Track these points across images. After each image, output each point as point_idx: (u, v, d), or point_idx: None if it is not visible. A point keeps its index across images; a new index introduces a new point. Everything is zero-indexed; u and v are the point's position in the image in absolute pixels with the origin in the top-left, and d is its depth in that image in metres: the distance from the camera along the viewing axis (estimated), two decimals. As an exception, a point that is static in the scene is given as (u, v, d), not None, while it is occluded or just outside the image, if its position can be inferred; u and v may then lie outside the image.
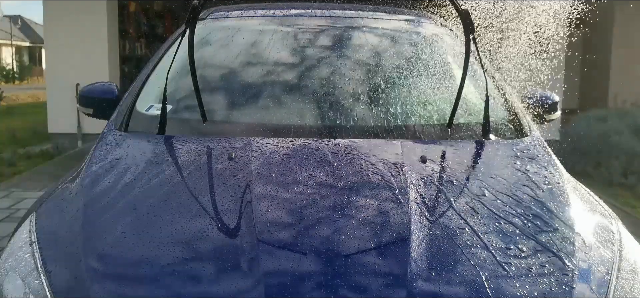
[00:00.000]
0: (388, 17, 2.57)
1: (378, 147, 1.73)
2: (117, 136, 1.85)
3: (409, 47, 2.35)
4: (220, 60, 2.21)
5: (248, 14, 2.51)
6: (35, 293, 1.19)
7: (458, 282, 1.16)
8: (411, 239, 1.25)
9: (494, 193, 1.50)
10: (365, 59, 2.21)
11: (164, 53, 2.33)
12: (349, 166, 1.59)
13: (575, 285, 1.19)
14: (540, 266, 1.23)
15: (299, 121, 1.85)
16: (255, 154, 1.63)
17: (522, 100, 2.34)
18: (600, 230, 1.47)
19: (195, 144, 1.75)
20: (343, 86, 2.03)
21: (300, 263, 1.19)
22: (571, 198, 1.55)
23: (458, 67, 2.19)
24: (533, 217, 1.40)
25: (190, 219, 1.34)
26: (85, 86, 2.41)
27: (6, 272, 1.30)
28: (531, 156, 1.80)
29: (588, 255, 1.31)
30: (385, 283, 1.15)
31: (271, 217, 1.34)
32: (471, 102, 2.06)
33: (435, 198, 1.47)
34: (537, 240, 1.31)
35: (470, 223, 1.34)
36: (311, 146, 1.69)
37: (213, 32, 2.38)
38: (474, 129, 1.90)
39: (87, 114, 2.35)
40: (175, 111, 1.95)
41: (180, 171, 1.61)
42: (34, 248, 1.33)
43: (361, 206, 1.40)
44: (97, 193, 1.51)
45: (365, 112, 1.92)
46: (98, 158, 1.73)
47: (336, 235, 1.27)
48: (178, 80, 2.08)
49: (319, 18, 2.50)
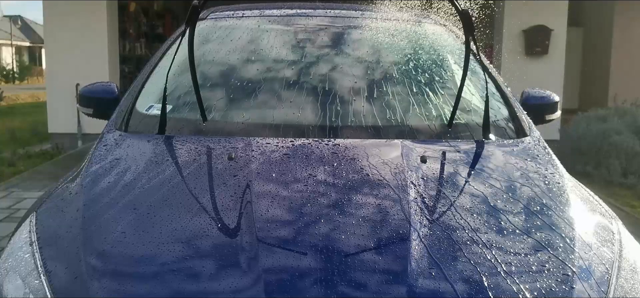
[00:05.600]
0: (388, 17, 2.57)
1: (378, 147, 1.73)
2: (117, 136, 1.85)
3: (409, 46, 2.35)
4: (220, 60, 2.21)
5: (248, 14, 2.51)
6: (35, 293, 1.19)
7: (458, 281, 1.16)
8: (411, 238, 1.25)
9: (494, 193, 1.50)
10: (365, 59, 2.21)
11: (164, 53, 2.33)
12: (349, 165, 1.59)
13: (576, 285, 1.19)
14: (540, 266, 1.23)
15: (299, 121, 1.85)
16: (255, 154, 1.63)
17: (522, 100, 2.34)
18: (600, 230, 1.47)
19: (195, 144, 1.75)
20: (343, 85, 2.03)
21: (299, 261, 1.19)
22: (571, 198, 1.55)
23: (458, 67, 2.19)
24: (533, 217, 1.41)
25: (190, 218, 1.34)
26: (85, 86, 2.41)
27: (6, 272, 1.30)
28: (531, 156, 1.80)
29: (588, 254, 1.31)
30: (385, 281, 1.15)
31: (271, 216, 1.34)
32: (471, 103, 2.06)
33: (435, 197, 1.47)
34: (537, 240, 1.31)
35: (470, 222, 1.34)
36: (311, 146, 1.69)
37: (213, 32, 2.38)
38: (474, 129, 1.90)
39: (87, 114, 2.35)
40: (175, 111, 1.95)
41: (180, 171, 1.61)
42: (34, 248, 1.33)
43: (361, 205, 1.40)
44: (97, 193, 1.51)
45: (366, 112, 1.92)
46: (98, 158, 1.73)
47: (336, 234, 1.27)
48: (178, 80, 2.08)
49: (319, 18, 2.50)
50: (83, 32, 7.16)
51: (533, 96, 2.37)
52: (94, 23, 7.21)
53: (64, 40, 7.15)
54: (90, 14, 7.16)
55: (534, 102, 2.32)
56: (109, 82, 2.48)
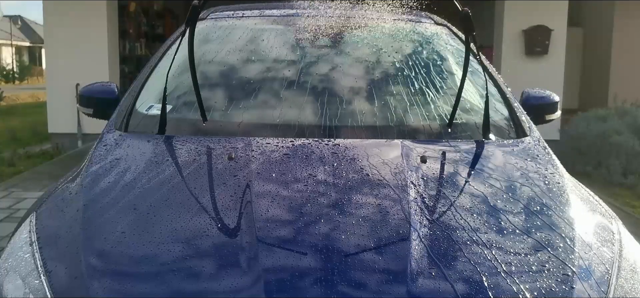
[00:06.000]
0: (388, 16, 2.57)
1: (378, 147, 1.73)
2: (117, 136, 1.85)
3: (409, 46, 2.35)
4: (220, 60, 2.21)
5: (248, 14, 2.51)
6: (35, 293, 1.19)
7: (458, 281, 1.16)
8: (411, 238, 1.25)
9: (494, 193, 1.50)
10: (365, 59, 2.21)
11: (164, 53, 2.33)
12: (349, 165, 1.59)
13: (576, 285, 1.19)
14: (540, 266, 1.23)
15: (299, 121, 1.85)
16: (255, 154, 1.63)
17: (522, 100, 2.34)
18: (600, 230, 1.47)
19: (195, 144, 1.75)
20: (343, 85, 2.03)
21: (299, 261, 1.19)
22: (571, 198, 1.55)
23: (458, 67, 2.19)
24: (533, 217, 1.40)
25: (190, 218, 1.34)
26: (85, 86, 2.41)
27: (6, 272, 1.30)
28: (531, 156, 1.80)
29: (588, 254, 1.31)
30: (385, 281, 1.15)
31: (271, 216, 1.35)
32: (471, 102, 2.06)
33: (435, 197, 1.47)
34: (537, 240, 1.31)
35: (470, 222, 1.34)
36: (311, 146, 1.69)
37: (213, 32, 2.38)
38: (474, 129, 1.90)
39: (87, 114, 2.35)
40: (175, 111, 1.95)
41: (180, 170, 1.61)
42: (34, 248, 1.33)
43: (361, 205, 1.40)
44: (97, 193, 1.51)
45: (366, 112, 1.92)
46: (98, 158, 1.73)
47: (336, 234, 1.27)
48: (178, 80, 2.08)
49: (319, 17, 2.50)
50: (83, 32, 7.16)
51: (533, 96, 2.37)
52: (94, 23, 7.21)
53: (64, 40, 7.15)
54: (90, 14, 7.16)
55: (534, 102, 2.32)
56: (109, 82, 2.48)
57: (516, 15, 7.35)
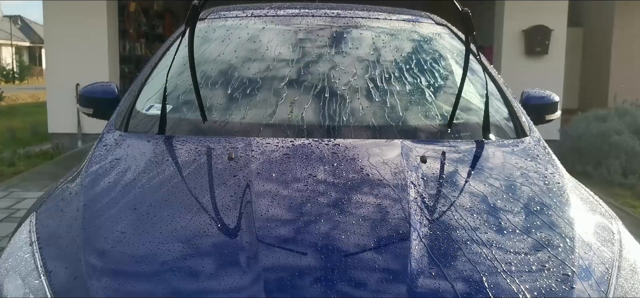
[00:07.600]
0: (388, 16, 2.57)
1: (378, 147, 1.73)
2: (117, 136, 1.85)
3: (409, 46, 2.35)
4: (220, 60, 2.21)
5: (248, 14, 2.51)
6: (35, 293, 1.19)
7: (458, 281, 1.16)
8: (411, 238, 1.25)
9: (494, 193, 1.50)
10: (365, 59, 2.21)
11: (164, 53, 2.33)
12: (349, 165, 1.59)
13: (576, 285, 1.19)
14: (540, 265, 1.23)
15: (299, 121, 1.86)
16: (255, 153, 1.63)
17: (522, 100, 2.34)
18: (600, 230, 1.47)
19: (195, 144, 1.75)
20: (343, 85, 2.03)
21: (299, 261, 1.19)
22: (571, 198, 1.55)
23: (458, 67, 2.19)
24: (533, 217, 1.41)
25: (190, 218, 1.34)
26: (85, 86, 2.41)
27: (6, 272, 1.30)
28: (531, 156, 1.80)
29: (588, 254, 1.31)
30: (385, 280, 1.15)
31: (271, 216, 1.35)
32: (471, 102, 2.06)
33: (435, 197, 1.47)
34: (537, 240, 1.31)
35: (470, 222, 1.34)
36: (311, 146, 1.69)
37: (213, 32, 2.38)
38: (474, 129, 1.90)
39: (87, 114, 2.35)
40: (175, 111, 1.95)
41: (180, 170, 1.61)
42: (34, 248, 1.33)
43: (361, 204, 1.40)
44: (97, 193, 1.51)
45: (366, 112, 1.92)
46: (98, 158, 1.73)
47: (336, 233, 1.27)
48: (178, 80, 2.08)
49: (320, 17, 2.50)
50: (83, 32, 7.16)
51: (533, 96, 2.37)
52: (93, 23, 7.21)
53: (64, 40, 7.15)
54: (90, 14, 7.17)
55: (534, 102, 2.33)
56: (109, 82, 2.48)
57: (516, 15, 7.35)
